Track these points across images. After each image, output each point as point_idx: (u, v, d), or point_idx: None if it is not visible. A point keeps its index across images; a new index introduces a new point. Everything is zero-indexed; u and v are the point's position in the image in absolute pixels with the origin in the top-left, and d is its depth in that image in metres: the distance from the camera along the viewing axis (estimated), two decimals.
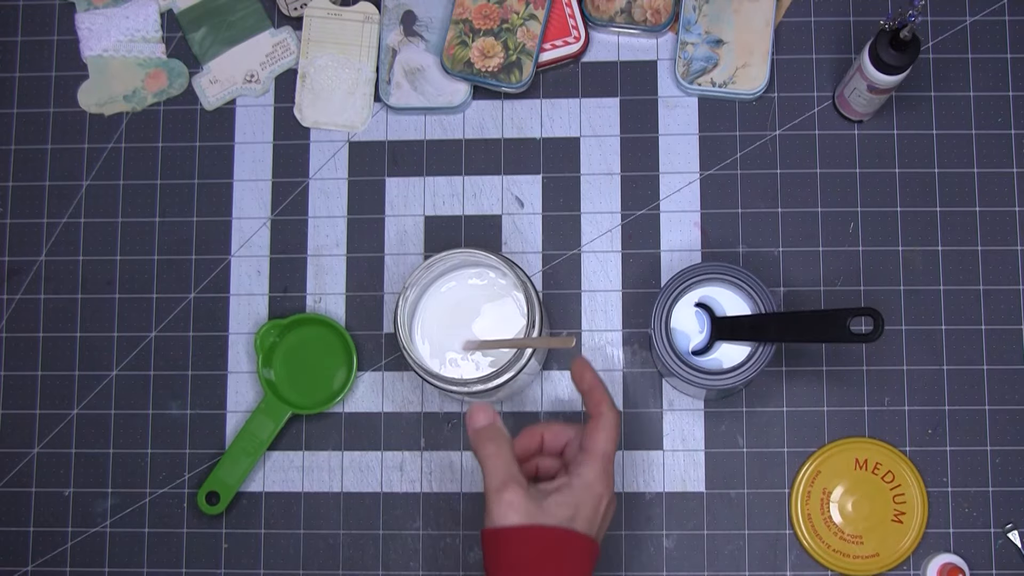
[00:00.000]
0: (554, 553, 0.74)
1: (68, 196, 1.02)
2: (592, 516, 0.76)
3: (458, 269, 0.91)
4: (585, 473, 0.77)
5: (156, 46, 1.04)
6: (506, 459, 0.76)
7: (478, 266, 0.91)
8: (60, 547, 0.98)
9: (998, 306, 0.97)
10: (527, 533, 0.74)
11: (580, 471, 0.77)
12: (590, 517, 0.76)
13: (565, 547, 0.74)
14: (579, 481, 0.76)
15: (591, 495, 0.76)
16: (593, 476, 0.77)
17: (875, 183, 0.99)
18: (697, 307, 0.89)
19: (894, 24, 0.87)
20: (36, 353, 1.00)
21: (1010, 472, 0.95)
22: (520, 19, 0.99)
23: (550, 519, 0.74)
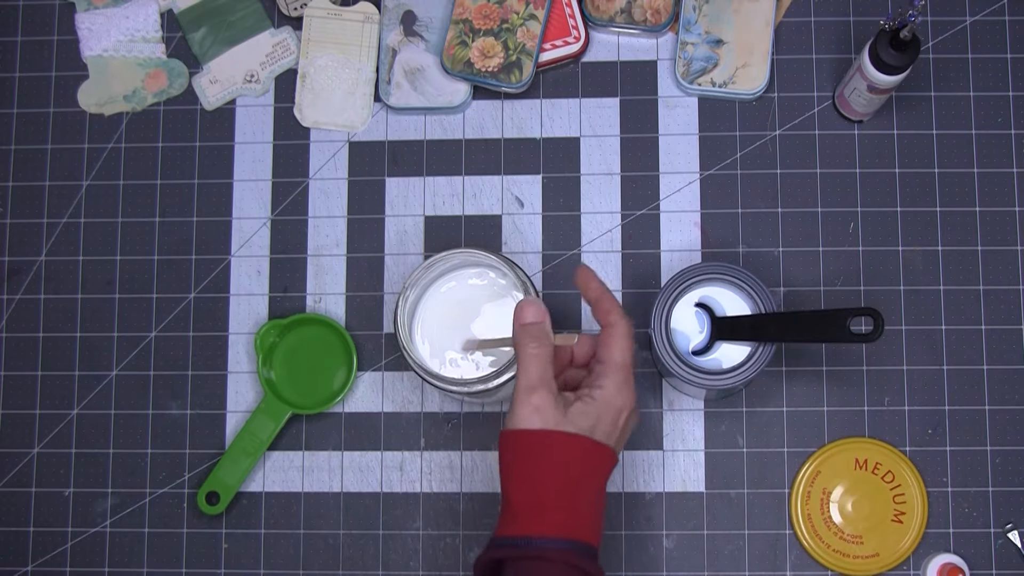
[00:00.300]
0: (573, 460, 0.74)
1: (68, 196, 1.02)
2: (611, 427, 0.76)
3: (458, 269, 0.91)
4: (606, 385, 0.77)
5: (156, 46, 1.04)
6: (544, 362, 0.76)
7: (478, 266, 0.91)
8: (60, 547, 0.98)
9: (998, 306, 0.97)
10: (549, 438, 0.74)
11: (601, 383, 0.77)
12: (608, 429, 0.76)
13: (584, 455, 0.75)
14: (600, 393, 0.76)
15: (611, 407, 0.76)
16: (614, 388, 0.77)
17: (875, 183, 0.99)
18: (697, 307, 0.89)
19: (894, 24, 0.87)
20: (36, 353, 1.00)
21: (1010, 472, 0.95)
22: (520, 19, 0.99)
23: (571, 427, 0.74)
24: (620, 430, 0.77)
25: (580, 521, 0.74)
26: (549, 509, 0.74)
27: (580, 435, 0.74)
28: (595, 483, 0.76)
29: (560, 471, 0.74)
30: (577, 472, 0.74)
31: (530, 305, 0.78)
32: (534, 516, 0.74)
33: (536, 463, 0.74)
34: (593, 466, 0.76)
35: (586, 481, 0.75)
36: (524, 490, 0.74)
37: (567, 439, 0.74)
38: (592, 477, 0.76)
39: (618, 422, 0.77)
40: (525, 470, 0.74)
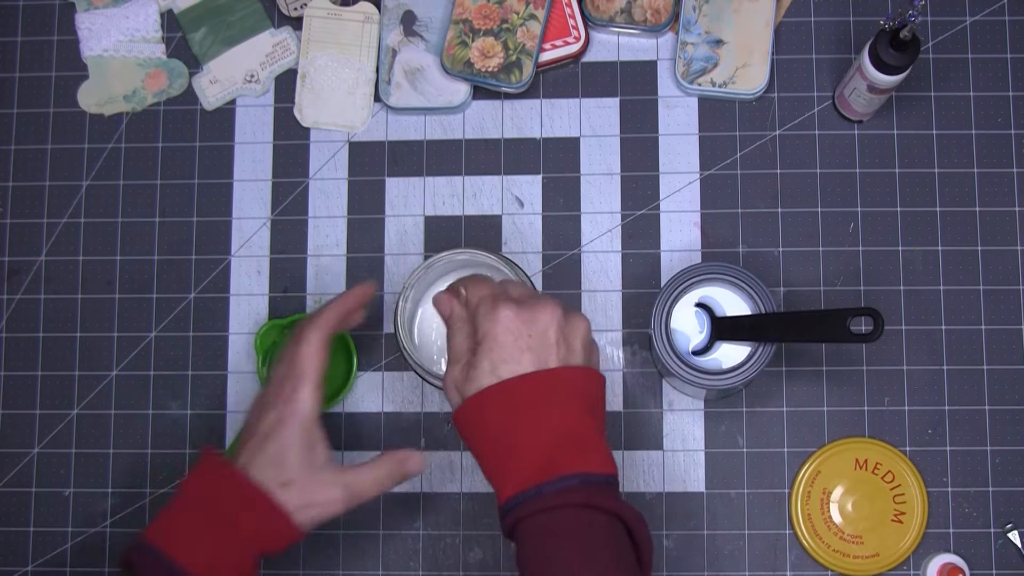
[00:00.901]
0: (516, 399, 0.72)
1: (68, 196, 1.02)
2: (541, 348, 0.73)
3: (459, 269, 0.91)
4: (481, 324, 0.75)
5: (156, 46, 1.04)
6: (464, 331, 0.77)
7: (478, 266, 0.91)
8: (60, 547, 0.98)
9: (998, 306, 0.97)
10: (503, 388, 0.73)
11: (476, 325, 0.75)
12: (537, 351, 0.73)
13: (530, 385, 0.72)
14: (480, 335, 0.75)
15: (506, 335, 0.73)
16: (487, 321, 0.74)
17: (875, 183, 0.99)
18: (697, 307, 0.89)
19: (894, 24, 0.87)
20: (36, 353, 1.00)
21: (1010, 472, 0.95)
22: (520, 19, 0.99)
23: (473, 385, 0.73)
24: (555, 345, 0.74)
25: (580, 452, 0.71)
26: (530, 452, 0.71)
27: (509, 379, 0.72)
28: (573, 406, 0.73)
29: (514, 413, 0.72)
30: (536, 407, 0.72)
31: (436, 302, 0.79)
32: (525, 464, 0.71)
33: (493, 417, 0.73)
34: (548, 391, 0.73)
35: (559, 408, 0.72)
36: (499, 446, 0.72)
37: (507, 386, 0.72)
38: (562, 401, 0.72)
39: (547, 338, 0.73)
40: (490, 427, 0.73)
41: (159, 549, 0.74)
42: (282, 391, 0.79)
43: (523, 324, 0.73)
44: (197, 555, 0.74)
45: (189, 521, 0.76)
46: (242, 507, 0.76)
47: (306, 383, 0.79)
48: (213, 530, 0.75)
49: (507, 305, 0.74)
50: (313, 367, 0.80)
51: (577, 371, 0.74)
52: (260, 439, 0.78)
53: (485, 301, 0.75)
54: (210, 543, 0.75)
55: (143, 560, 0.75)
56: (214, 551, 0.75)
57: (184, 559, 0.74)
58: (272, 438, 0.78)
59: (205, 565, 0.74)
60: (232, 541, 0.75)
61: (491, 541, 0.96)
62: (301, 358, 0.80)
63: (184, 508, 0.77)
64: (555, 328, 0.74)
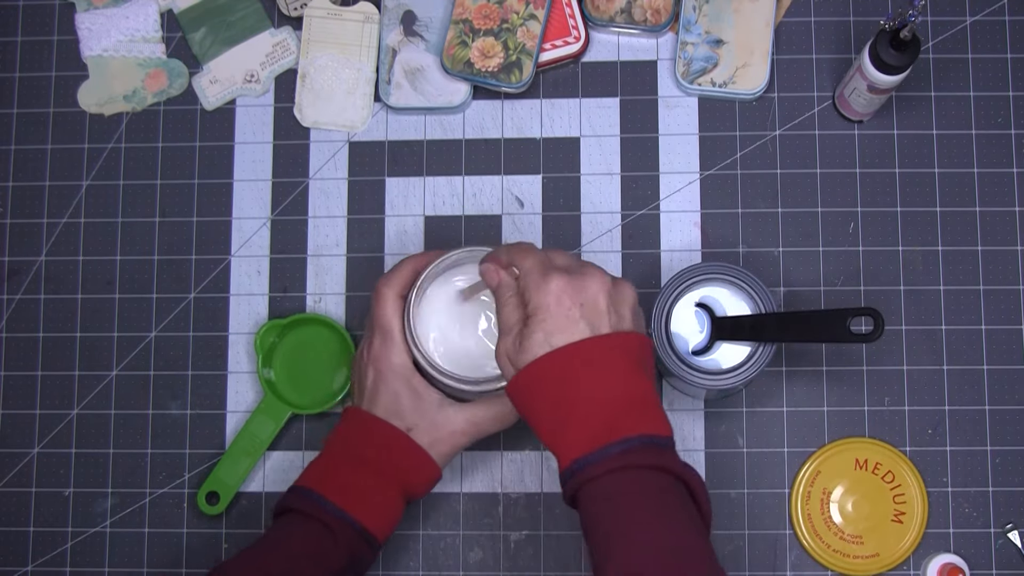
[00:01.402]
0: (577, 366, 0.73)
1: (68, 196, 1.02)
2: (592, 315, 0.74)
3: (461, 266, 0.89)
4: (532, 297, 0.75)
5: (156, 46, 1.04)
6: (516, 300, 0.78)
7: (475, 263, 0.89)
8: (60, 547, 0.98)
9: (998, 306, 0.97)
10: (566, 353, 0.73)
11: (527, 298, 0.76)
12: (590, 318, 0.74)
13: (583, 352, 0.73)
14: (533, 307, 0.75)
15: (561, 302, 0.74)
16: (540, 293, 0.74)
17: (875, 183, 0.99)
18: (697, 307, 0.89)
19: (894, 24, 0.87)
20: (36, 353, 1.00)
21: (1010, 472, 0.95)
22: (520, 19, 0.99)
23: (528, 354, 0.74)
24: (606, 313, 0.74)
25: (640, 414, 0.72)
26: (590, 416, 0.72)
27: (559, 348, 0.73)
28: (628, 369, 0.73)
29: (571, 379, 0.73)
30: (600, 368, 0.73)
31: (484, 273, 0.80)
32: (586, 428, 0.72)
33: (550, 384, 0.73)
34: (602, 356, 0.73)
35: (615, 372, 0.73)
36: (558, 412, 0.73)
37: (570, 350, 0.73)
38: (617, 365, 0.73)
39: (598, 306, 0.74)
40: (547, 394, 0.73)
41: (311, 489, 0.81)
42: (371, 349, 0.85)
43: (574, 293, 0.74)
44: (344, 489, 0.81)
45: (337, 466, 0.83)
46: (383, 447, 0.82)
47: (391, 339, 0.84)
48: (360, 471, 0.82)
49: (558, 275, 0.75)
50: (396, 322, 0.84)
51: (629, 336, 0.75)
52: (370, 397, 0.84)
53: (534, 271, 0.76)
54: (359, 482, 0.82)
55: (292, 500, 0.82)
56: (363, 488, 0.81)
57: (330, 494, 0.81)
58: (380, 394, 0.84)
59: (356, 502, 0.80)
60: (379, 479, 0.82)
61: (491, 541, 0.96)
62: (381, 318, 0.85)
63: (330, 455, 0.84)
64: (604, 296, 0.75)
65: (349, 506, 0.81)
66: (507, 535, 0.96)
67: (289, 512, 0.83)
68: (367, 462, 0.83)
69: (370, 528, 0.81)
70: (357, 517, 0.81)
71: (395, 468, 0.83)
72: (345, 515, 0.80)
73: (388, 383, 0.84)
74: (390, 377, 0.84)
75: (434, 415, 0.84)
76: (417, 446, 0.83)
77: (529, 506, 0.96)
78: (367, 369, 0.85)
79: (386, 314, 0.85)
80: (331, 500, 0.81)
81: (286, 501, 0.83)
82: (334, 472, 0.83)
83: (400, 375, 0.84)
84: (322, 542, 0.80)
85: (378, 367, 0.84)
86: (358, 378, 0.87)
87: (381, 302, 0.85)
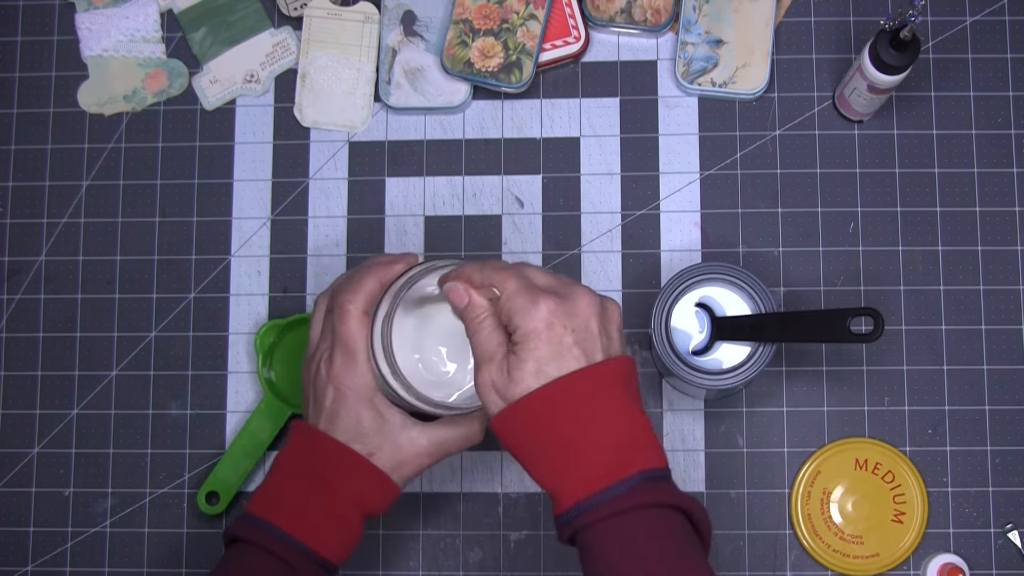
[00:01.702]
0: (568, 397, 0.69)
1: (68, 196, 1.02)
2: (585, 339, 0.70)
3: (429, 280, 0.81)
4: (520, 322, 0.70)
5: (156, 46, 1.04)
6: (491, 327, 0.73)
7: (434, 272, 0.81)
8: (60, 547, 0.98)
9: (998, 306, 0.97)
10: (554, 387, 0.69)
11: (514, 323, 0.71)
12: (583, 344, 0.70)
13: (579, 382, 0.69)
14: (520, 334, 0.70)
15: (552, 326, 0.70)
16: (524, 314, 0.70)
17: (875, 183, 0.99)
18: (697, 307, 0.89)
19: (894, 24, 0.87)
20: (36, 353, 1.00)
21: (1010, 472, 0.95)
22: (520, 19, 0.99)
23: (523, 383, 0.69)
24: (598, 337, 0.71)
25: (640, 448, 0.69)
26: (591, 454, 0.68)
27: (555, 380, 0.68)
28: (624, 400, 0.70)
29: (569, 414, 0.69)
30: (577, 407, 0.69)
31: (450, 292, 0.74)
32: (587, 467, 0.68)
33: (546, 420, 0.69)
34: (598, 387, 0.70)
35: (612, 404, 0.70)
36: (555, 450, 0.69)
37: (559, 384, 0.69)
38: (613, 396, 0.70)
39: (591, 330, 0.70)
40: (542, 430, 0.70)
41: (261, 518, 0.77)
42: (332, 367, 0.79)
43: (566, 317, 0.70)
44: (301, 519, 0.77)
45: (291, 490, 0.78)
46: (342, 472, 0.78)
47: (355, 359, 0.79)
48: (316, 497, 0.78)
49: (546, 298, 0.70)
50: (361, 342, 0.79)
51: (621, 361, 0.71)
52: (329, 418, 0.79)
53: (519, 295, 0.71)
54: (315, 510, 0.77)
55: (247, 531, 0.77)
56: (316, 515, 0.77)
57: (287, 525, 0.76)
58: (340, 416, 0.79)
59: (312, 530, 0.77)
60: (334, 504, 0.78)
61: (491, 541, 0.96)
62: (345, 336, 0.79)
63: (284, 478, 0.79)
64: (596, 319, 0.71)
65: (307, 537, 0.77)
66: (507, 535, 0.96)
67: (243, 542, 0.78)
68: (326, 488, 0.78)
69: (329, 557, 0.77)
70: (315, 548, 0.77)
71: (355, 493, 0.78)
72: (303, 547, 0.76)
73: (350, 405, 0.79)
74: (352, 399, 0.79)
75: (397, 437, 0.79)
76: (379, 471, 0.78)
77: (529, 506, 0.96)
78: (326, 388, 0.79)
79: (351, 332, 0.79)
80: (288, 532, 0.76)
81: (240, 530, 0.78)
82: (291, 499, 0.78)
83: (363, 397, 0.79)
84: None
85: (339, 387, 0.79)
86: (315, 395, 0.81)
87: (345, 319, 0.79)
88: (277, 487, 0.79)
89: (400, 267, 0.80)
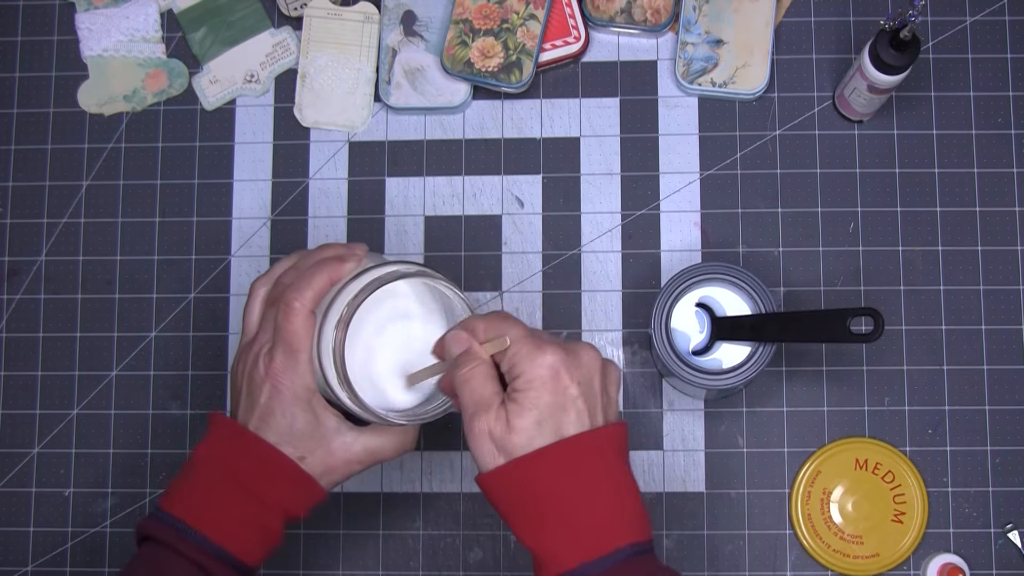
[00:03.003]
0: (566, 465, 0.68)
1: (68, 196, 1.02)
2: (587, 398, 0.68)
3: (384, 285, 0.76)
4: (524, 370, 0.68)
5: (156, 46, 1.04)
6: (483, 376, 0.70)
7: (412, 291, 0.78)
8: (60, 547, 0.98)
9: (998, 306, 0.97)
10: (542, 455, 0.67)
11: (518, 370, 0.69)
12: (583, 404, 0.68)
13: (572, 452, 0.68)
14: (522, 381, 0.68)
15: (554, 382, 0.68)
16: (531, 365, 0.68)
17: (875, 183, 0.99)
18: (697, 307, 0.89)
19: (894, 24, 0.87)
20: (36, 353, 1.00)
21: (1010, 472, 0.95)
22: (520, 19, 0.99)
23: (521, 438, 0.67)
24: (600, 394, 0.70)
25: (631, 520, 0.68)
26: (584, 522, 0.67)
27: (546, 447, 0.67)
28: (620, 468, 0.69)
29: (567, 478, 0.67)
30: (582, 471, 0.68)
31: (452, 339, 0.73)
32: (579, 536, 0.67)
33: (544, 481, 0.68)
34: (599, 452, 0.68)
35: (610, 472, 0.69)
36: (549, 514, 0.68)
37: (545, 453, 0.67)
38: (612, 464, 0.69)
39: (593, 387, 0.69)
40: (539, 492, 0.68)
41: (180, 519, 0.73)
42: (271, 364, 0.75)
43: (571, 368, 0.68)
44: (223, 524, 0.73)
45: (210, 489, 0.75)
46: (269, 476, 0.75)
47: (297, 360, 0.75)
48: (240, 501, 0.74)
49: (552, 347, 0.68)
50: (306, 342, 0.75)
51: (619, 428, 0.70)
52: (262, 416, 0.76)
53: (525, 340, 0.69)
54: (238, 514, 0.74)
55: (164, 533, 0.73)
56: (239, 519, 0.74)
57: (208, 529, 0.73)
58: (274, 416, 0.75)
59: (234, 537, 0.73)
60: (257, 508, 0.74)
61: (491, 541, 0.96)
62: (289, 334, 0.75)
63: (205, 477, 0.75)
64: (599, 375, 0.70)
65: (227, 542, 0.73)
66: (507, 535, 0.96)
67: (156, 543, 0.74)
68: (250, 490, 0.74)
69: (249, 562, 0.74)
70: (236, 554, 0.73)
71: (280, 496, 0.75)
72: (224, 553, 0.73)
73: (286, 405, 0.75)
74: (289, 399, 0.75)
75: (330, 442, 0.76)
76: (307, 476, 0.75)
77: None
78: (263, 384, 0.75)
79: (295, 331, 0.75)
80: (207, 536, 0.73)
81: (156, 531, 0.74)
82: (210, 500, 0.74)
83: (301, 398, 0.75)
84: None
85: (277, 385, 0.75)
86: (248, 389, 0.77)
87: (291, 317, 0.75)
88: (198, 487, 0.75)
89: (351, 265, 0.77)
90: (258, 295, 0.80)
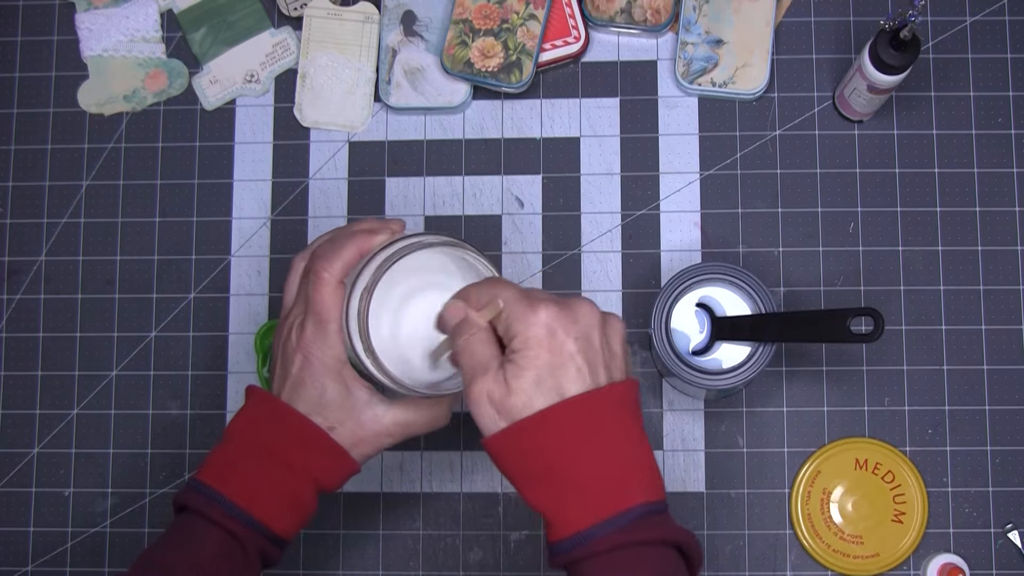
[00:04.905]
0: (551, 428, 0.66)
1: (68, 196, 1.02)
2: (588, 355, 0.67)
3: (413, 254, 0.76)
4: (519, 330, 0.67)
5: (156, 46, 1.04)
6: (482, 342, 0.69)
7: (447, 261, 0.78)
8: (60, 547, 0.98)
9: (998, 306, 0.97)
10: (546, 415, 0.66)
11: (513, 331, 0.68)
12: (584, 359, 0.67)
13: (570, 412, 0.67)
14: (519, 341, 0.67)
15: (550, 339, 0.66)
16: (525, 324, 0.67)
17: (875, 183, 0.99)
18: (697, 307, 0.89)
19: (894, 24, 0.87)
20: (36, 353, 1.00)
21: (1010, 472, 0.95)
22: (520, 19, 0.99)
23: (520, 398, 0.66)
24: (600, 349, 0.68)
25: (642, 480, 0.67)
26: (593, 483, 0.66)
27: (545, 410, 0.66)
28: (629, 426, 0.68)
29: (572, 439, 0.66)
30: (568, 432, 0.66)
31: (447, 310, 0.72)
32: (588, 497, 0.66)
33: (548, 443, 0.66)
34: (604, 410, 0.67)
35: (617, 431, 0.67)
36: (555, 476, 0.66)
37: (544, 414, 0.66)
38: (619, 422, 0.67)
39: (592, 341, 0.67)
40: (543, 454, 0.67)
41: (210, 486, 0.74)
42: (303, 334, 0.75)
43: (567, 324, 0.67)
44: (251, 491, 0.74)
45: (240, 458, 0.75)
46: (299, 445, 0.75)
47: (326, 330, 0.75)
48: (270, 469, 0.74)
49: (546, 304, 0.67)
50: (335, 312, 0.75)
51: (628, 386, 0.69)
52: (293, 386, 0.76)
53: (518, 300, 0.68)
54: (268, 482, 0.74)
55: (195, 500, 0.74)
56: (267, 486, 0.74)
57: (236, 496, 0.74)
58: (305, 386, 0.75)
59: (265, 505, 0.74)
60: (285, 475, 0.75)
61: (491, 541, 0.96)
62: (319, 304, 0.75)
63: (237, 447, 0.76)
64: (598, 330, 0.68)
65: (259, 511, 0.74)
66: (507, 535, 0.96)
67: (191, 512, 0.75)
68: (280, 459, 0.75)
69: (280, 532, 0.75)
70: (267, 523, 0.74)
71: (308, 463, 0.75)
72: (255, 521, 0.74)
73: (316, 375, 0.75)
74: (319, 369, 0.75)
75: (360, 414, 0.76)
76: (337, 446, 0.75)
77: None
78: (294, 355, 0.76)
79: (324, 301, 0.75)
80: (239, 504, 0.73)
81: (190, 500, 0.75)
82: (242, 469, 0.75)
83: (331, 368, 0.75)
84: (232, 553, 0.73)
85: (307, 356, 0.75)
86: (282, 361, 0.77)
87: (320, 287, 0.75)
88: (232, 457, 0.76)
89: (383, 238, 0.76)
90: (296, 269, 0.80)
